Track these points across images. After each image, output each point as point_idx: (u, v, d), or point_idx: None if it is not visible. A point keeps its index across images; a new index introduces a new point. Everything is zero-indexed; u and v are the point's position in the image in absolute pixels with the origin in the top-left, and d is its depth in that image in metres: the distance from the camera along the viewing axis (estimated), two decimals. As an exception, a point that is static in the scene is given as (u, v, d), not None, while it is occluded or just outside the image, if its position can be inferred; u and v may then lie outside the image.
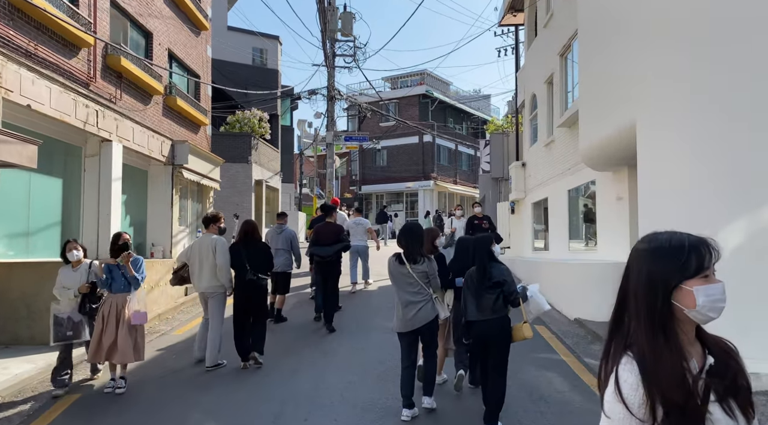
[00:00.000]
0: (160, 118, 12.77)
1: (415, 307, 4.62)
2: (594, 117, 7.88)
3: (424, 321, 4.62)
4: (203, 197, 15.62)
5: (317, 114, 22.51)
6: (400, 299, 4.73)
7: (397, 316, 4.78)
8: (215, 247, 6.28)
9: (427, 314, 4.63)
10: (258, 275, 6.27)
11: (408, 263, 4.67)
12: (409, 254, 4.71)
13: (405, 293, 4.69)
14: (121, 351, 5.49)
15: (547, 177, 12.40)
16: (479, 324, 4.48)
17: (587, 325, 7.80)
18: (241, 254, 6.27)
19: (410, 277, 4.66)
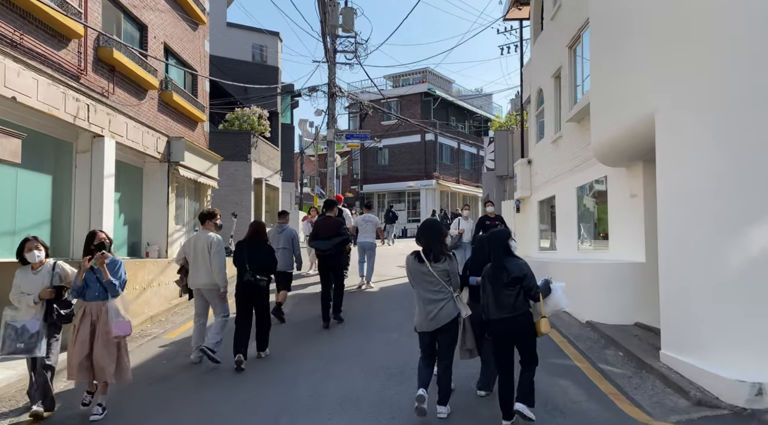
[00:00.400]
0: (155, 113, 12.40)
1: (437, 306, 4.50)
2: (607, 110, 7.49)
3: (445, 319, 4.50)
4: (201, 196, 15.25)
5: (318, 111, 22.14)
6: (420, 297, 4.62)
7: (418, 315, 4.67)
8: (210, 246, 6.22)
9: (448, 312, 4.52)
10: (256, 276, 6.19)
11: (428, 262, 4.54)
12: (429, 252, 4.58)
13: (425, 291, 4.58)
14: (99, 367, 4.72)
15: (555, 174, 12.01)
16: (501, 322, 4.36)
17: (600, 328, 7.42)
18: (243, 254, 6.23)
19: (430, 276, 4.54)
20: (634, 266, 7.53)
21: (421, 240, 4.71)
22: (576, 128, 10.40)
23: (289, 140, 26.90)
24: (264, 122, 20.99)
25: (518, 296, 4.33)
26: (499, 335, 4.41)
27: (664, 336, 5.79)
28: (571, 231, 10.73)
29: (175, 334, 7.77)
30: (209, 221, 6.48)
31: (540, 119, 13.98)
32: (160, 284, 9.18)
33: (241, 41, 23.40)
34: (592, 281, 7.79)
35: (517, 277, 4.36)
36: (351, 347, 6.82)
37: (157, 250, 12.52)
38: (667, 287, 5.74)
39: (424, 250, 4.63)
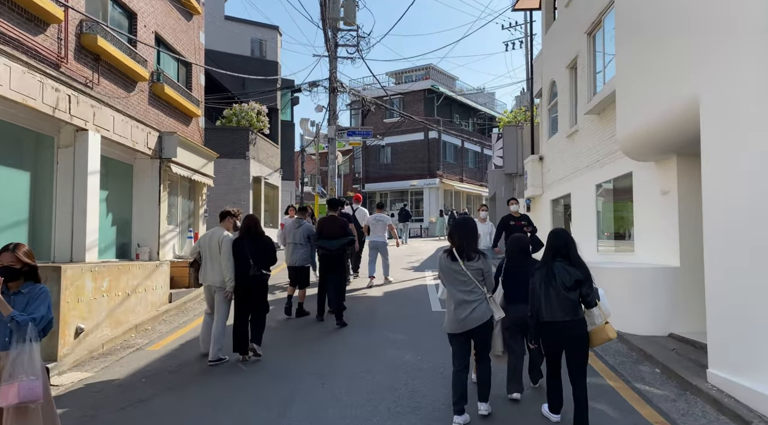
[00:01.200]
0: (145, 107, 11.70)
1: (469, 307, 4.33)
2: (637, 97, 6.76)
3: (478, 321, 4.33)
4: (195, 194, 14.54)
5: (318, 107, 21.40)
6: (452, 298, 4.44)
7: (448, 316, 4.49)
8: (221, 245, 6.15)
9: (481, 314, 4.34)
10: (261, 271, 6.15)
11: (461, 260, 4.37)
12: (462, 251, 4.40)
13: (457, 291, 4.40)
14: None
15: (570, 171, 11.28)
16: (558, 325, 4.17)
17: (629, 340, 6.69)
18: (244, 249, 6.13)
19: (463, 275, 4.37)
20: (667, 271, 6.80)
21: (454, 238, 4.51)
22: (595, 120, 9.68)
23: (289, 138, 26.19)
24: (263, 118, 20.29)
25: (577, 300, 4.19)
26: (557, 339, 4.21)
27: (712, 352, 5.06)
28: (589, 232, 10.00)
29: (160, 346, 7.05)
30: (229, 218, 6.43)
31: (553, 113, 13.25)
32: (146, 290, 8.47)
33: (240, 35, 22.71)
34: (620, 287, 7.06)
35: (579, 280, 4.19)
36: (353, 363, 6.10)
37: (148, 251, 11.82)
38: (715, 296, 5.02)
39: (458, 248, 4.43)
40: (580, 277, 4.21)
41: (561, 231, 4.59)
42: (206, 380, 5.60)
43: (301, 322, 8.14)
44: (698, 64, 5.23)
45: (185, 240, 13.36)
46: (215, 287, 6.24)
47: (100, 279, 7.17)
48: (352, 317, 8.28)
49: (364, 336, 7.18)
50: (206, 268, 6.31)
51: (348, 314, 8.50)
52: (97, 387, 5.43)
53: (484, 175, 41.06)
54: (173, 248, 13.08)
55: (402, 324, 7.79)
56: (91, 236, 9.17)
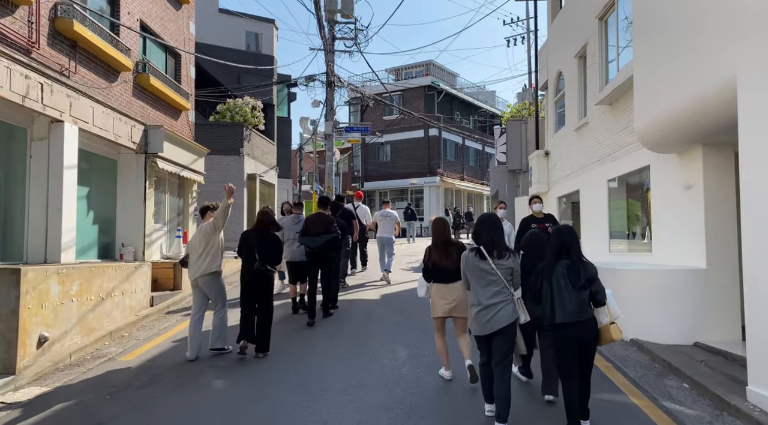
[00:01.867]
0: (129, 99, 11.07)
1: (494, 309, 4.14)
2: (658, 83, 6.13)
3: (503, 322, 4.12)
4: (185, 192, 13.92)
5: (315, 102, 20.73)
6: (476, 299, 4.24)
7: (471, 317, 4.33)
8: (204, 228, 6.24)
9: (507, 316, 4.13)
10: (266, 266, 6.13)
11: (491, 259, 4.16)
12: (492, 248, 4.19)
13: (484, 292, 4.20)
14: None
15: (579, 166, 10.65)
16: (574, 326, 3.99)
17: (650, 349, 6.06)
18: (251, 243, 6.15)
19: (492, 274, 4.17)
20: (692, 274, 6.16)
21: (481, 235, 4.28)
22: (607, 111, 9.04)
23: (286, 135, 25.56)
24: (258, 113, 19.67)
25: (587, 299, 4.06)
26: (572, 339, 4.01)
27: (753, 366, 4.44)
28: (600, 230, 9.37)
29: (134, 355, 6.42)
30: (211, 212, 6.41)
31: (559, 106, 12.62)
32: (124, 293, 7.84)
33: (234, 28, 22.09)
34: (639, 291, 6.43)
35: (590, 278, 4.10)
36: (345, 377, 5.47)
37: (133, 251, 11.19)
38: (757, 303, 4.38)
39: (487, 246, 4.21)
40: (593, 275, 4.12)
41: (566, 228, 4.40)
42: (177, 397, 4.98)
43: (290, 327, 7.52)
44: (737, 39, 4.60)
45: (173, 240, 12.74)
46: (202, 280, 6.18)
47: (68, 282, 6.54)
48: (346, 323, 7.65)
49: (358, 345, 6.55)
50: (192, 262, 6.26)
51: (342, 319, 7.89)
52: (52, 406, 4.80)
53: (485, 173, 40.42)
54: (160, 248, 12.46)
55: (400, 331, 7.17)
56: (67, 235, 8.54)
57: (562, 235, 4.24)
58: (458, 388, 5.09)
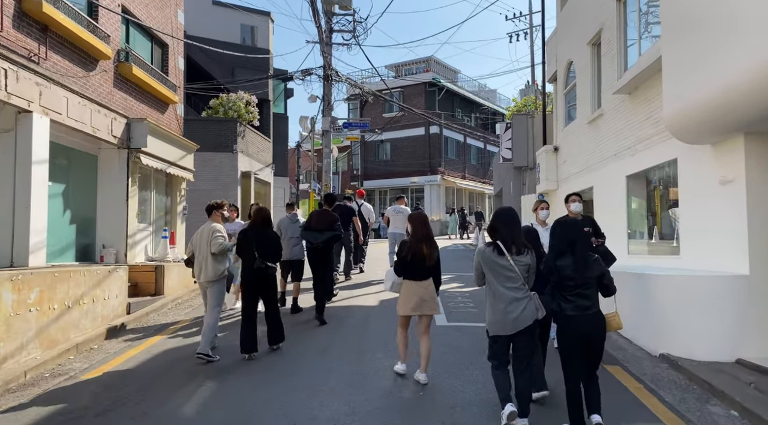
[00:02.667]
0: (110, 90, 10.32)
1: (520, 305, 4.01)
2: (693, 64, 5.39)
3: (529, 321, 4.01)
4: (173, 190, 13.17)
5: (312, 97, 19.97)
6: (498, 295, 4.06)
7: (493, 316, 4.10)
8: (210, 234, 6.04)
9: (532, 313, 4.03)
10: (267, 263, 6.04)
11: (509, 254, 4.04)
12: (510, 244, 4.06)
13: (505, 288, 4.05)
14: None
15: (593, 162, 9.91)
16: (583, 318, 3.88)
17: (685, 367, 5.32)
18: (250, 242, 6.07)
19: (511, 270, 4.06)
20: (733, 280, 5.42)
21: (499, 230, 4.13)
22: (626, 101, 8.30)
23: (283, 132, 24.81)
24: (252, 109, 18.90)
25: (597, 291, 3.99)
26: (582, 334, 3.88)
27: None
28: (617, 231, 8.62)
29: (101, 372, 5.68)
30: (216, 211, 6.35)
31: (569, 98, 11.88)
32: (95, 300, 7.10)
33: (229, 21, 21.34)
34: (670, 299, 5.69)
35: (603, 272, 4.00)
36: (335, 402, 4.73)
37: (114, 253, 10.45)
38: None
39: (505, 241, 4.07)
40: (604, 270, 4.00)
41: (572, 221, 4.27)
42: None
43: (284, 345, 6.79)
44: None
45: (160, 241, 11.99)
46: (206, 283, 6.09)
47: (25, 289, 5.80)
48: (341, 334, 6.91)
49: (352, 362, 5.81)
50: (198, 264, 6.12)
51: (336, 329, 7.15)
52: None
53: (488, 172, 39.67)
54: (145, 249, 11.72)
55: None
56: (36, 236, 7.80)
57: (569, 228, 4.07)
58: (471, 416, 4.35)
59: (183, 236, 13.45)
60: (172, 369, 5.71)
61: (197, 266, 6.15)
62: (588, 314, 3.86)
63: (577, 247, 3.93)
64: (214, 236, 6.01)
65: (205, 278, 6.07)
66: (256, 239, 6.08)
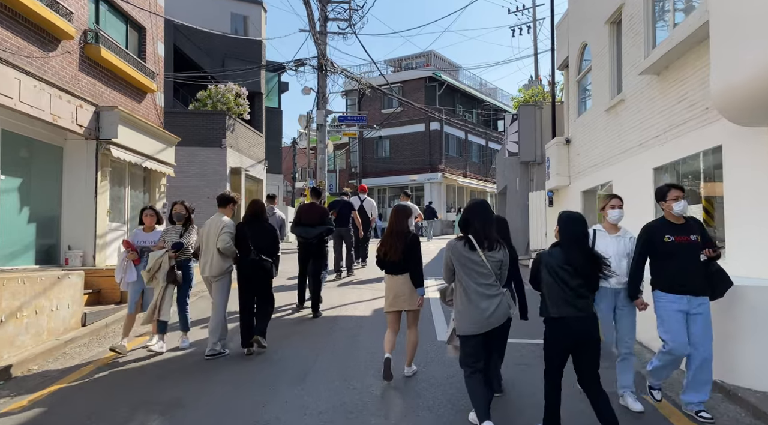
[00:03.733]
0: (74, 73, 9.31)
1: (494, 302, 3.79)
2: (759, 21, 4.36)
3: (501, 319, 3.82)
4: (151, 186, 12.15)
5: (306, 89, 18.93)
6: (471, 292, 3.81)
7: (465, 315, 3.84)
8: (222, 228, 5.81)
9: (505, 311, 3.85)
10: (261, 256, 5.89)
11: (481, 250, 3.79)
12: (483, 239, 3.82)
13: (477, 285, 3.81)
14: None
15: (612, 153, 8.90)
16: (575, 321, 3.62)
17: (745, 398, 4.31)
18: (245, 235, 5.91)
19: (483, 266, 3.81)
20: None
21: (472, 224, 3.90)
22: (654, 83, 7.29)
23: (276, 127, 23.79)
24: (242, 101, 17.90)
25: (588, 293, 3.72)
26: (573, 336, 3.64)
27: None
28: (643, 231, 7.60)
29: (31, 401, 4.66)
30: (231, 205, 6.10)
31: (584, 87, 10.87)
32: (39, 311, 6.08)
33: (219, 10, 20.32)
34: (720, 315, 4.67)
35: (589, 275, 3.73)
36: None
37: (81, 256, 9.46)
38: None
39: (477, 236, 3.85)
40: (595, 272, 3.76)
41: (578, 216, 3.91)
42: None
43: (247, 367, 5.77)
44: None
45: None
46: (212, 277, 5.91)
47: (-61, 302, 4.78)
48: (326, 351, 5.89)
49: (337, 391, 4.79)
50: (204, 258, 5.93)
51: (323, 346, 6.13)
52: None
53: (489, 170, 38.65)
54: (119, 250, 10.70)
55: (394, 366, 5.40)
56: (-21, 236, 6.82)
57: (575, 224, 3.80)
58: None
59: (163, 236, 12.44)
60: (115, 398, 4.70)
61: (203, 260, 5.95)
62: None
63: None
64: (223, 232, 5.79)
65: (210, 273, 5.89)
66: (251, 232, 5.92)
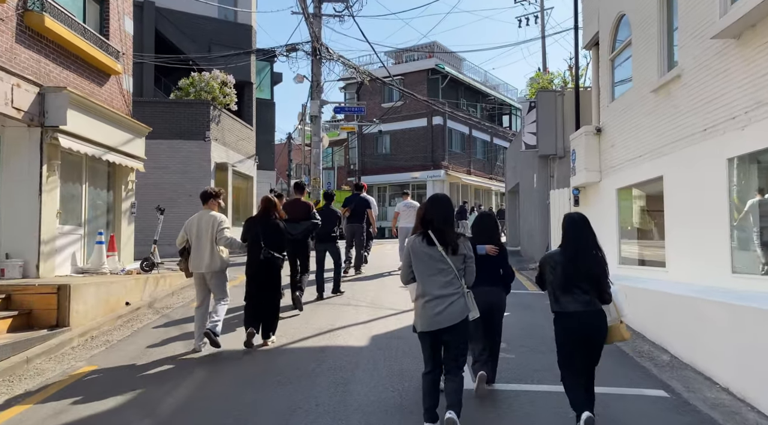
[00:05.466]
0: (9, 45, 7.71)
1: (445, 301, 3.68)
2: None
3: (454, 319, 3.67)
4: (116, 182, 10.56)
5: (299, 77, 17.31)
6: (423, 289, 3.77)
7: (418, 311, 3.80)
8: (216, 224, 5.90)
9: (459, 310, 3.69)
10: (272, 253, 5.95)
11: (440, 245, 3.71)
12: (442, 233, 3.74)
13: (432, 282, 3.73)
14: None
15: (663, 142, 7.32)
16: (583, 315, 3.78)
17: None
18: (256, 230, 6.02)
19: (443, 262, 3.73)
20: None
21: (431, 219, 3.80)
22: (729, 50, 5.72)
23: (268, 120, 22.18)
24: (229, 90, 16.30)
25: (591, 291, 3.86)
26: (580, 330, 3.80)
27: None
28: (712, 241, 6.04)
29: None
30: (213, 200, 6.15)
31: (619, 66, 9.29)
32: None
33: (205, -8, 18.70)
34: None
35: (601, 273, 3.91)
36: None
37: (21, 266, 7.88)
38: None
39: (437, 231, 3.75)
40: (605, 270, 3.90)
41: (583, 216, 4.04)
42: None
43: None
44: None
45: (93, 247, 9.39)
46: (208, 273, 5.95)
47: None
48: (302, 411, 4.30)
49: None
50: (197, 255, 5.93)
51: (301, 398, 4.54)
52: None
53: (494, 167, 37.06)
54: (73, 258, 9.13)
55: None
56: None
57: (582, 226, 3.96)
58: None
59: (131, 240, 10.87)
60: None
61: (195, 257, 5.93)
62: None
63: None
64: (221, 228, 5.90)
65: (209, 268, 5.90)
66: (262, 229, 6.02)
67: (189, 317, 7.22)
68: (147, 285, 8.48)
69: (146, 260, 9.61)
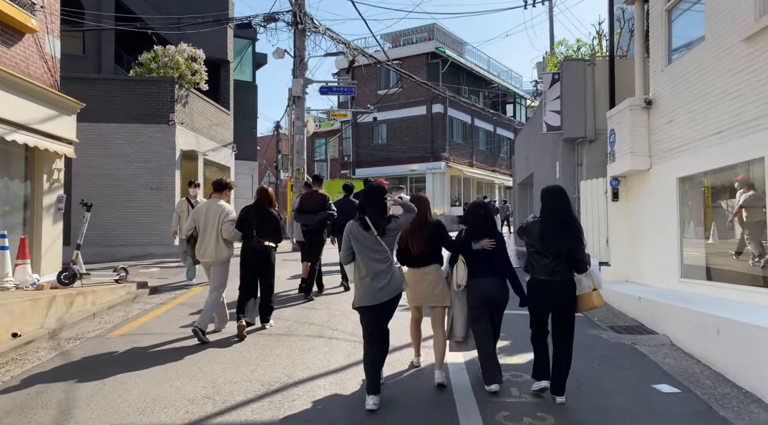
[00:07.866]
0: None
1: (386, 276, 4.04)
2: None
3: (394, 292, 4.06)
4: (34, 171, 8.39)
5: (279, 51, 15.03)
6: (365, 267, 4.08)
7: (360, 288, 4.11)
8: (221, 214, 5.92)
9: (398, 284, 4.09)
10: (265, 242, 5.99)
11: (376, 230, 4.04)
12: (376, 218, 4.08)
13: (371, 261, 4.07)
14: None
15: (762, 111, 5.18)
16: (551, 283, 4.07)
17: None
18: (251, 220, 6.04)
19: (378, 244, 4.07)
20: None
21: (368, 208, 4.12)
22: None
23: (249, 104, 20.00)
24: (198, 66, 14.12)
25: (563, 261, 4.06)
26: (543, 297, 4.14)
27: None
28: None
29: None
30: (227, 191, 6.26)
31: (676, 19, 7.14)
32: None
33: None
34: None
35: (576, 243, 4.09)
36: None
37: None
38: None
39: (372, 217, 4.08)
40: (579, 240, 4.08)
41: (560, 188, 4.27)
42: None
43: None
44: None
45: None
46: (212, 262, 5.97)
47: None
48: None
49: None
50: (202, 243, 5.94)
51: None
52: None
53: (497, 159, 34.92)
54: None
55: None
56: None
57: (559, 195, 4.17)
58: None
59: (58, 242, 8.73)
60: None
61: (201, 245, 5.94)
62: None
63: None
64: (226, 219, 5.90)
65: (213, 258, 5.93)
66: (256, 218, 6.02)
67: (100, 354, 5.25)
68: (53, 307, 6.34)
69: (66, 271, 7.46)
